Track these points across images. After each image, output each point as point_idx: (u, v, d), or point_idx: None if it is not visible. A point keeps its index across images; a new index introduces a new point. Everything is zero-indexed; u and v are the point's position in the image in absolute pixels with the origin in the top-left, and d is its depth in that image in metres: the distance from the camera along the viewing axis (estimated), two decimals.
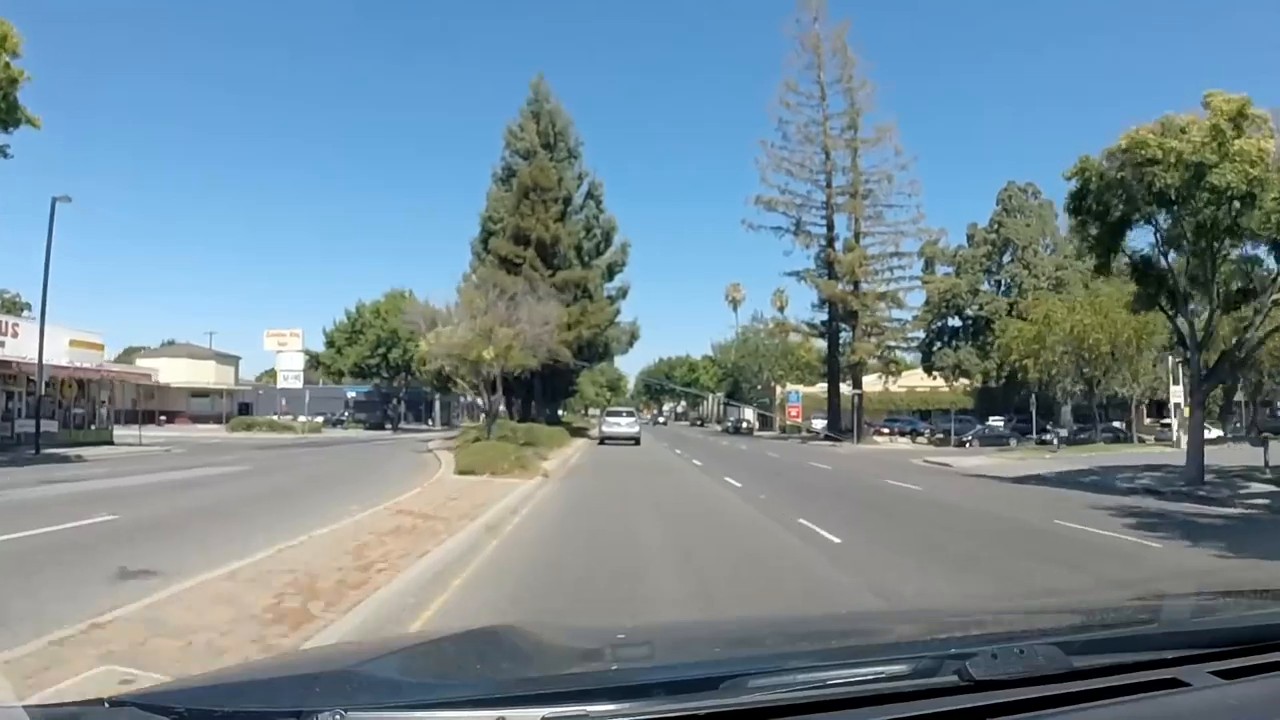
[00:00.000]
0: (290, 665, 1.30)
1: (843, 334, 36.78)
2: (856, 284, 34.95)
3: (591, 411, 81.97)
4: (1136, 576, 5.46)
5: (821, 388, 57.26)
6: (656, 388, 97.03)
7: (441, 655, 1.22)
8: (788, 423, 51.24)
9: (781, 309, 57.96)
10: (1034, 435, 31.85)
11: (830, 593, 4.86)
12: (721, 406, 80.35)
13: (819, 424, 47.58)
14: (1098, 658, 1.01)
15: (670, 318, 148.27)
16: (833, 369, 37.42)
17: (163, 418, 41.04)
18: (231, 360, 49.26)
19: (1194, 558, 6.52)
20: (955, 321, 39.85)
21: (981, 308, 37.76)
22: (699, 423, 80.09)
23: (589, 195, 34.76)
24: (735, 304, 79.78)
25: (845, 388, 37.44)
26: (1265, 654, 1.02)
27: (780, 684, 0.95)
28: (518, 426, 20.88)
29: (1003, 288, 38.20)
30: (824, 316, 37.35)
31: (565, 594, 4.70)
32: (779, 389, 57.87)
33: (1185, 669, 0.99)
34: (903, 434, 36.94)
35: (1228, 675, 0.98)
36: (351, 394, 47.92)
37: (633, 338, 35.25)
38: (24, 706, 1.02)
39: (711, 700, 0.91)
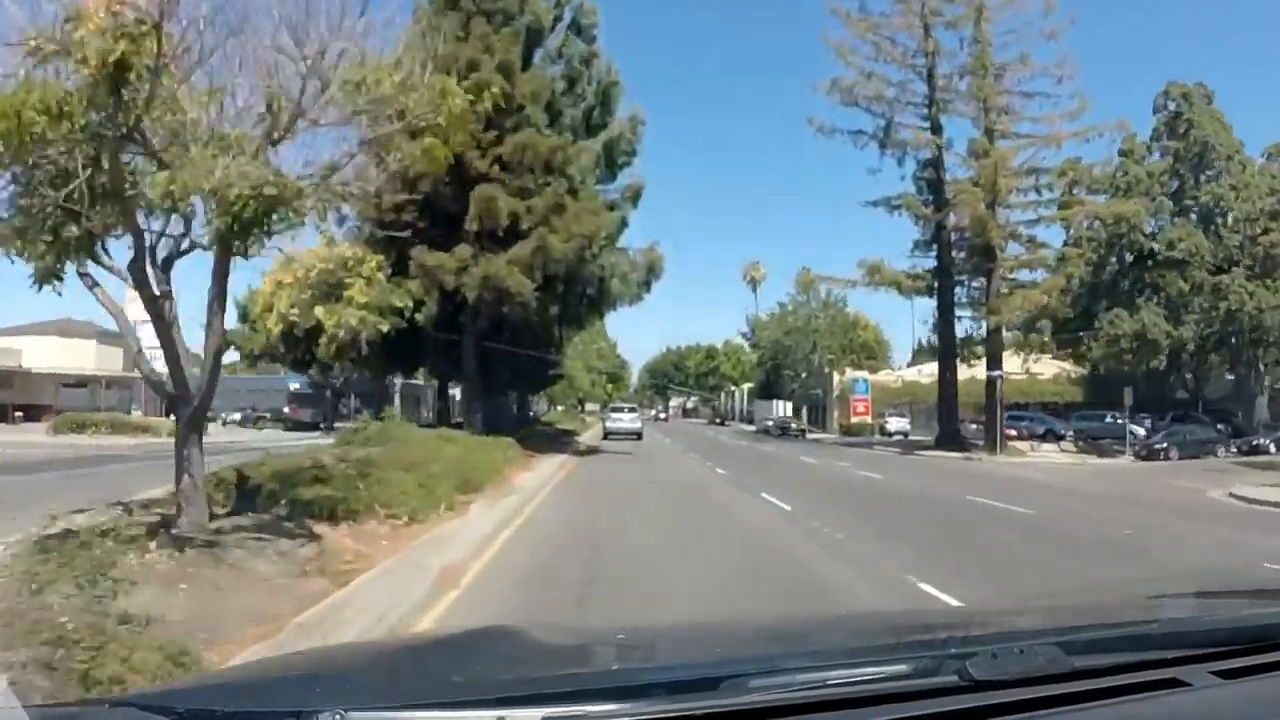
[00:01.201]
0: (290, 665, 1.77)
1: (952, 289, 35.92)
2: (992, 205, 32.61)
3: (590, 408, 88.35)
4: None
5: (886, 375, 58.07)
6: (663, 383, 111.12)
7: (441, 655, 1.69)
8: (852, 420, 52.06)
9: (806, 289, 60.53)
10: (1245, 440, 31.63)
11: None
12: (746, 401, 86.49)
13: (896, 424, 48.29)
14: (1098, 658, 1.47)
15: (676, 306, 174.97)
16: (947, 342, 36.12)
17: (18, 414, 42.23)
18: (121, 340, 50.03)
19: None
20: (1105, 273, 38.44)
21: (1171, 246, 35.06)
22: (719, 421, 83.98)
23: (573, 28, 28.17)
24: (755, 284, 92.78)
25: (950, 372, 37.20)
26: (1265, 654, 1.48)
27: (780, 684, 1.36)
28: (386, 430, 16.94)
29: (1198, 218, 36.20)
30: (930, 261, 36.12)
31: None
32: (837, 376, 58.39)
33: (1185, 669, 1.45)
34: (1032, 437, 36.15)
35: (1228, 675, 1.45)
36: (295, 385, 49.12)
37: (650, 272, 29.24)
38: (24, 706, 1.46)
39: (711, 700, 1.28)
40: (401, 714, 1.25)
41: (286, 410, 45.78)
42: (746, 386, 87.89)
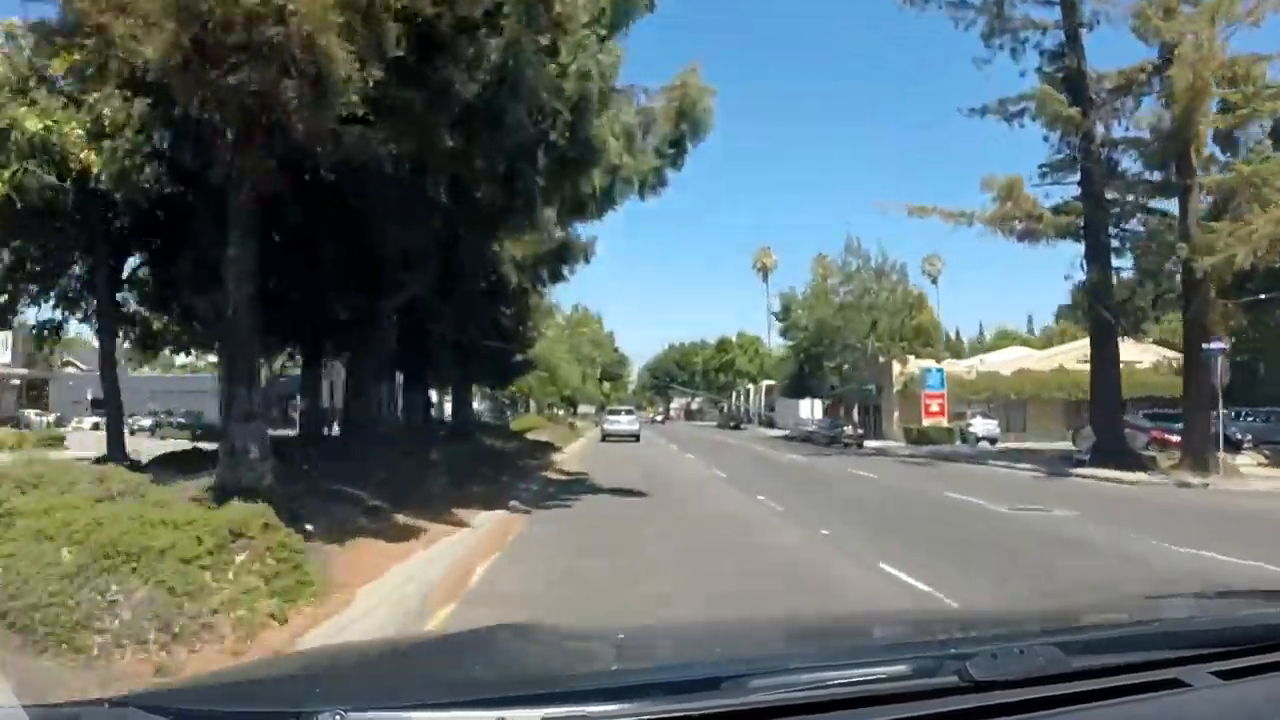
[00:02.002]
0: (290, 665, 2.44)
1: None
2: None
3: (584, 409, 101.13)
4: None
5: (953, 364, 60.03)
6: (664, 382, 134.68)
7: (441, 655, 2.37)
8: (924, 423, 54.47)
9: (825, 279, 67.08)
10: None
11: None
12: (763, 402, 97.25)
13: (983, 427, 51.04)
14: (1098, 658, 2.13)
15: (677, 302, 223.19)
16: (1110, 305, 33.99)
17: None
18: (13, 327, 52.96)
19: None
20: None
21: None
22: (733, 425, 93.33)
23: None
24: (765, 272, 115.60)
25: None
26: (1265, 654, 2.17)
27: (780, 684, 1.96)
28: None
29: None
30: (1071, 189, 34.95)
31: None
32: (897, 367, 61.28)
33: (1185, 669, 2.10)
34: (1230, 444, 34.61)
35: (1228, 675, 2.10)
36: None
37: (683, 123, 22.00)
38: (24, 706, 2.10)
39: (711, 700, 1.81)
40: (401, 714, 1.76)
41: (165, 415, 47.85)
42: (765, 384, 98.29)
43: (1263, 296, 35.08)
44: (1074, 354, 58.48)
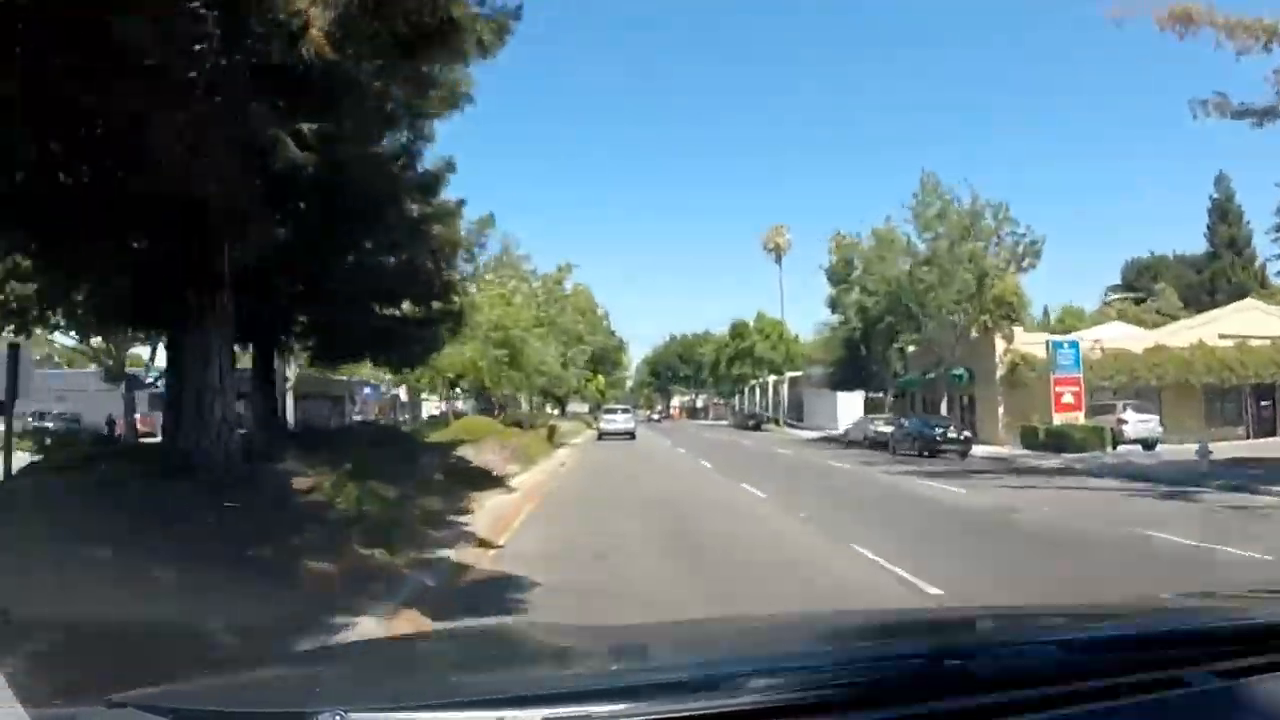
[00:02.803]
0: (290, 665, 2.63)
1: None
2: None
3: (575, 409, 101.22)
4: None
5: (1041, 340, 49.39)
6: (666, 378, 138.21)
7: (441, 655, 2.60)
8: (1055, 419, 44.44)
9: (840, 252, 61.46)
10: None
11: None
12: (786, 397, 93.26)
13: (1138, 424, 41.77)
14: (1098, 657, 2.40)
15: (681, 290, 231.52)
16: None
17: None
18: None
19: None
20: None
21: None
22: (752, 425, 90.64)
23: None
24: (778, 253, 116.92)
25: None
26: (1265, 654, 2.42)
27: (780, 684, 2.20)
28: None
29: None
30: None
31: None
32: (1000, 344, 49.65)
33: (1185, 669, 2.34)
34: None
35: (1228, 675, 2.35)
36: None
37: None
38: (23, 706, 2.27)
39: (711, 700, 2.01)
40: (401, 714, 1.93)
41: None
42: (790, 375, 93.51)
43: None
44: (1210, 327, 50.92)
